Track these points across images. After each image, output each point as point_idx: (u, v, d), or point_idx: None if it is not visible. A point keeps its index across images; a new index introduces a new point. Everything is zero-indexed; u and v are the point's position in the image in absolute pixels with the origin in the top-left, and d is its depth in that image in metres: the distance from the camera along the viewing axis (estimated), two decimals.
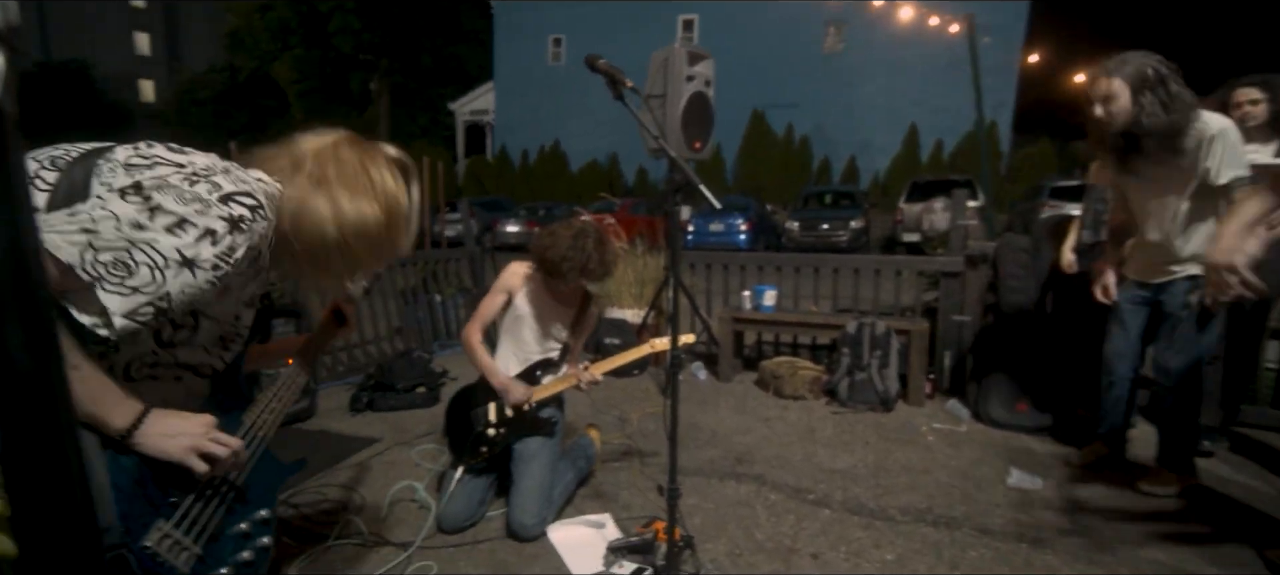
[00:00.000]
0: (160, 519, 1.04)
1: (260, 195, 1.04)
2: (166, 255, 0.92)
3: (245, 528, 1.19)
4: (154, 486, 1.04)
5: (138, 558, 0.99)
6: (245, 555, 1.16)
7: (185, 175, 0.98)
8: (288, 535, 2.15)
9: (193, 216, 0.94)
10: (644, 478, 2.66)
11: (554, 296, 2.47)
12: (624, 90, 1.64)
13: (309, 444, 2.98)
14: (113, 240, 0.88)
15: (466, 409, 2.41)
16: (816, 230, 12.88)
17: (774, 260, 4.52)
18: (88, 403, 0.92)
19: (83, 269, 0.86)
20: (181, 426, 1.04)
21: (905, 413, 3.51)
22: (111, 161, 0.97)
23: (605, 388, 3.98)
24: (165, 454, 1.02)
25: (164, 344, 1.09)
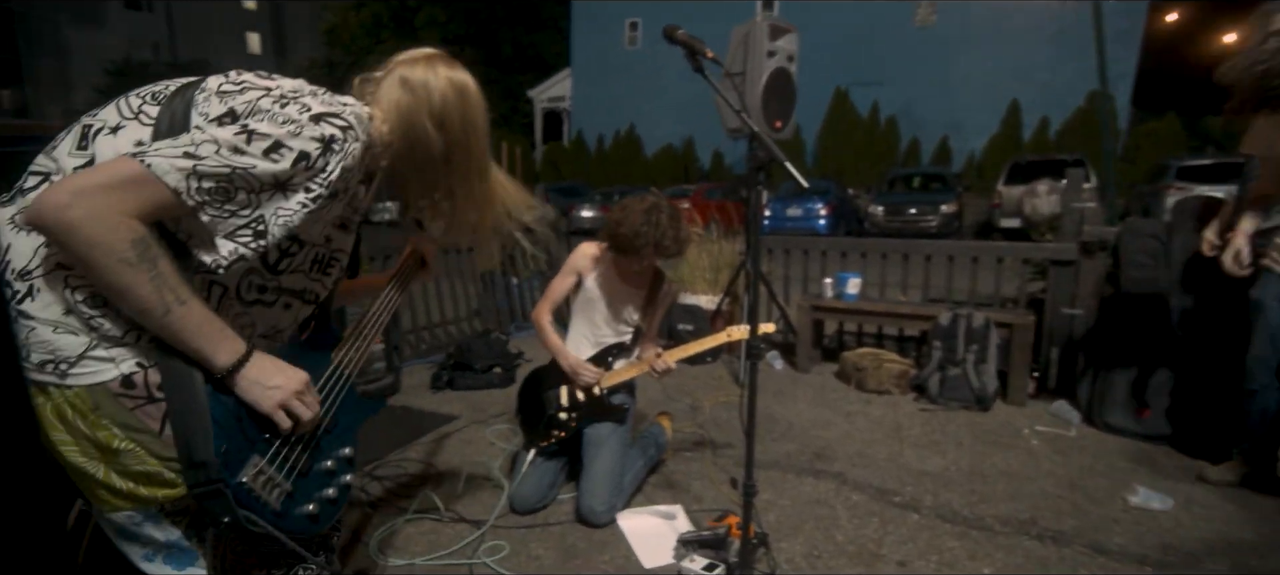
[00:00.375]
0: (256, 455, 1.06)
1: (350, 116, 1.04)
2: (262, 179, 0.94)
3: (330, 465, 1.19)
4: (251, 423, 1.06)
5: (234, 493, 1.00)
6: (329, 492, 1.17)
7: (274, 98, 0.99)
8: (369, 506, 2.23)
9: (287, 139, 0.95)
10: (716, 469, 2.58)
11: (625, 278, 2.40)
12: (704, 62, 1.54)
13: (392, 419, 3.10)
14: (214, 166, 0.90)
15: (539, 391, 2.41)
16: (903, 215, 12.20)
17: (858, 246, 4.28)
18: (193, 338, 0.94)
19: (187, 196, 0.89)
20: (279, 379, 1.05)
21: (1004, 413, 3.23)
22: (205, 91, 1.01)
23: (677, 374, 3.89)
24: (256, 402, 1.03)
25: (271, 267, 1.12)
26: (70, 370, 0.93)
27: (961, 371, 3.34)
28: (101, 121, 0.98)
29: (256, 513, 1.03)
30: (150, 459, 0.98)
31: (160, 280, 0.89)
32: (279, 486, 1.09)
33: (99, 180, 0.86)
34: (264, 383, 1.04)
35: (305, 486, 1.15)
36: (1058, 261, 3.47)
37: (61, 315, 0.92)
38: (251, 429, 1.07)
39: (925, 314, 3.57)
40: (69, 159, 0.95)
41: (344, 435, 1.26)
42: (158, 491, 1.00)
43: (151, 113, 0.99)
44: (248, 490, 1.03)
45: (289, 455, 1.12)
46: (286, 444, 1.12)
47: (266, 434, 1.09)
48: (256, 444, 1.07)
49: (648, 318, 2.43)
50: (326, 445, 1.22)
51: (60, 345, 0.92)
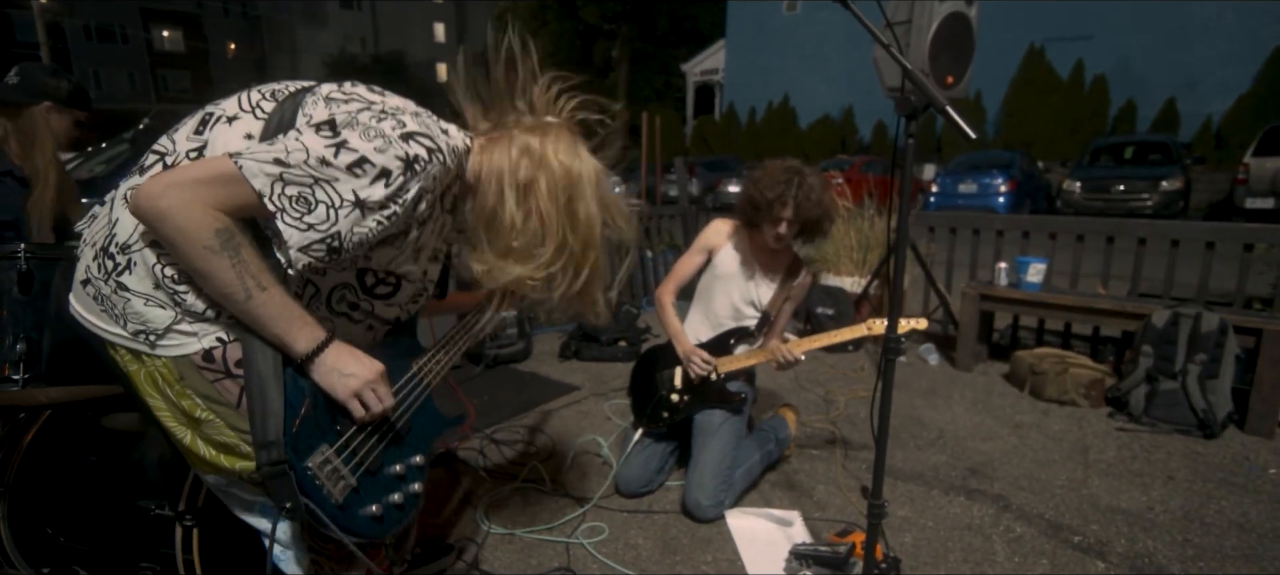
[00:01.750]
0: (325, 443, 1.06)
1: (440, 140, 1.04)
2: (343, 195, 0.94)
3: (400, 469, 1.18)
4: (325, 411, 1.06)
5: (299, 476, 1.01)
6: (395, 497, 1.16)
7: (375, 112, 1.00)
8: (485, 470, 2.27)
9: (372, 155, 0.95)
10: (847, 474, 2.29)
11: (760, 258, 2.21)
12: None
13: (518, 384, 3.18)
14: (300, 175, 0.92)
15: (652, 371, 2.29)
16: (1108, 193, 10.26)
17: (1044, 224, 3.59)
18: (272, 323, 0.96)
19: (270, 199, 0.91)
20: (355, 367, 1.06)
21: (1238, 444, 2.53)
22: (316, 95, 1.03)
23: (811, 362, 3.60)
24: (332, 389, 1.05)
25: (367, 290, 1.14)
26: (159, 341, 0.98)
27: (1179, 386, 2.66)
28: (222, 111, 1.03)
29: (318, 501, 1.02)
30: (228, 431, 1.01)
31: (242, 267, 0.91)
32: (344, 479, 1.08)
33: (194, 175, 0.90)
34: (341, 370, 1.04)
35: (372, 486, 1.13)
36: None
37: (152, 289, 0.97)
38: (324, 417, 1.06)
39: (1133, 311, 2.89)
40: (186, 142, 1.01)
41: (418, 443, 1.24)
42: (236, 463, 1.03)
43: (266, 109, 1.03)
44: (312, 477, 1.02)
45: (358, 449, 1.11)
46: (358, 436, 1.11)
47: (338, 425, 1.08)
48: (327, 433, 1.07)
49: (779, 304, 2.20)
50: (399, 449, 1.20)
51: (150, 317, 0.97)
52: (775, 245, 2.10)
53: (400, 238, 1.07)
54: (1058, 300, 3.13)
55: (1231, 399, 2.61)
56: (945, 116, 1.16)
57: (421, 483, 1.22)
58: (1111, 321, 3.03)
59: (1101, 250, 3.39)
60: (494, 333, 3.46)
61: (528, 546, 1.86)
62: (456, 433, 2.56)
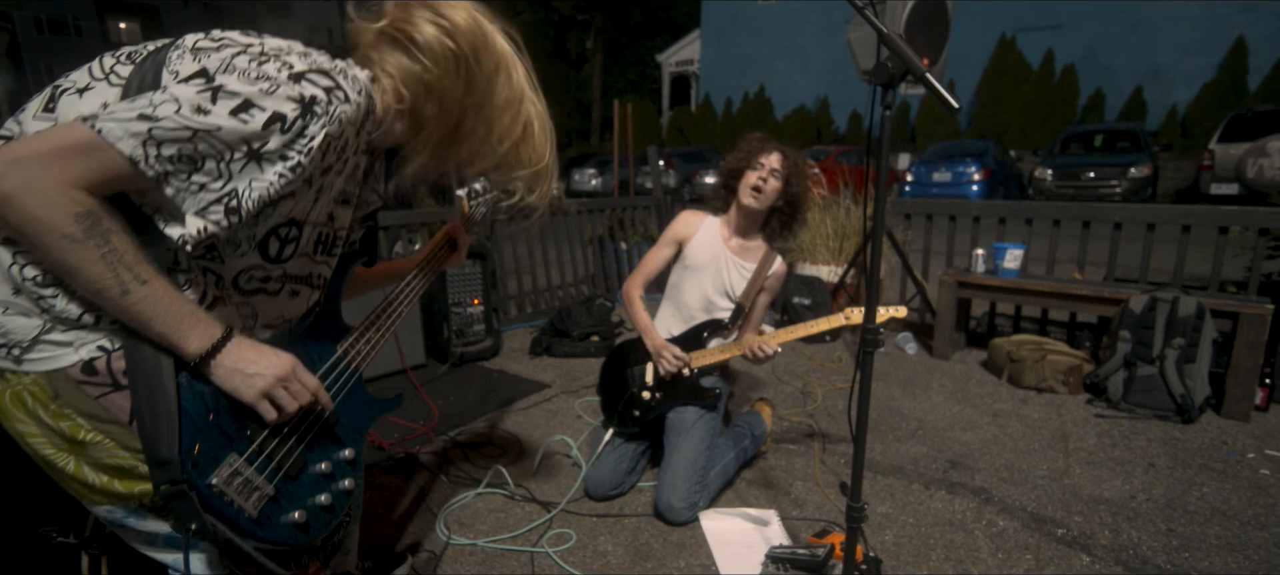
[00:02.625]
0: (233, 453, 0.93)
1: (340, 78, 0.90)
2: (230, 143, 0.81)
3: (326, 467, 1.06)
4: (230, 416, 0.93)
5: (202, 495, 0.88)
6: (322, 499, 1.03)
7: (253, 55, 0.86)
8: (444, 474, 2.15)
9: (258, 98, 0.82)
10: (825, 469, 2.21)
11: (733, 247, 2.14)
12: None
13: (485, 383, 3.05)
14: (174, 130, 0.78)
15: (622, 368, 2.18)
16: (1079, 180, 10.41)
17: (1022, 210, 3.55)
18: (156, 321, 0.83)
19: (145, 165, 0.77)
20: (262, 364, 0.93)
21: (1216, 429, 2.51)
22: (180, 48, 0.88)
23: (788, 354, 3.52)
24: (236, 392, 0.92)
25: (273, 259, 1.00)
26: (25, 355, 0.83)
27: (1157, 371, 2.63)
28: (71, 82, 0.87)
29: (229, 518, 0.90)
30: (122, 452, 0.87)
31: (113, 257, 0.77)
32: (258, 489, 0.95)
33: (40, 147, 0.75)
34: (244, 370, 0.91)
35: (294, 491, 1.01)
36: None
37: (10, 295, 0.82)
38: (230, 423, 0.93)
39: (1110, 296, 2.86)
40: (34, 122, 0.85)
41: (348, 435, 1.12)
42: (134, 486, 0.89)
43: (123, 73, 0.87)
44: (218, 493, 0.90)
45: (274, 454, 0.98)
46: (273, 440, 0.98)
47: (248, 430, 0.95)
48: (235, 440, 0.94)
49: (751, 295, 2.11)
50: (324, 445, 1.07)
51: (11, 327, 0.82)
52: (753, 202, 2.04)
53: (304, 189, 0.94)
54: (1035, 286, 3.09)
55: (1209, 383, 2.59)
56: (925, 83, 1.07)
57: (354, 479, 1.10)
58: (1088, 307, 2.99)
59: (1077, 236, 3.36)
60: (460, 330, 3.32)
61: (489, 557, 1.74)
62: (417, 436, 2.43)
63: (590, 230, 4.99)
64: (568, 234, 4.72)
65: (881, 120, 1.15)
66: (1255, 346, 2.50)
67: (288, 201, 0.93)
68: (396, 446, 2.33)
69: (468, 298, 3.37)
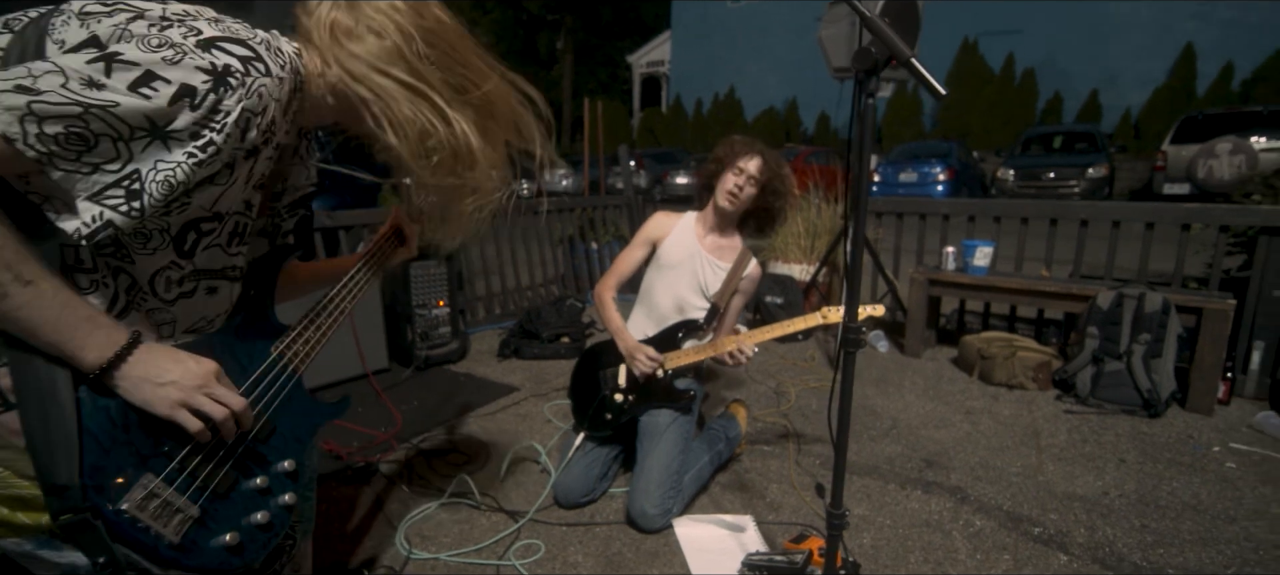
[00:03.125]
0: (148, 473, 0.82)
1: (260, 47, 0.80)
2: (131, 123, 0.70)
3: (262, 482, 0.95)
4: (141, 432, 0.82)
5: (110, 523, 0.77)
6: (259, 517, 0.93)
7: (152, 20, 0.76)
8: (406, 484, 2.04)
9: (161, 68, 0.71)
10: (801, 471, 2.16)
11: (707, 247, 2.09)
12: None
13: (451, 387, 2.94)
14: (60, 104, 0.66)
15: (594, 370, 2.10)
16: (1040, 180, 10.69)
17: (990, 208, 3.58)
18: (46, 328, 0.72)
19: (25, 144, 0.66)
20: (177, 371, 0.82)
21: (1182, 422, 2.54)
22: (65, 14, 0.77)
23: (761, 354, 3.48)
24: (147, 404, 0.81)
25: (187, 253, 0.89)
26: None
27: (1124, 366, 2.66)
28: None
29: (143, 547, 0.79)
30: (21, 481, 0.77)
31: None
32: (181, 512, 0.84)
33: None
34: (155, 380, 0.80)
35: (225, 510, 0.90)
36: (1273, 230, 2.66)
37: None
38: (142, 440, 0.83)
39: (1078, 293, 2.88)
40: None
41: (287, 444, 1.01)
42: (41, 517, 0.78)
43: (1, 43, 0.76)
44: (130, 520, 0.79)
45: (199, 471, 0.88)
46: (196, 456, 0.87)
47: (166, 447, 0.85)
48: (150, 459, 0.83)
49: (726, 296, 2.06)
50: (260, 457, 0.97)
51: None
52: (728, 205, 2.01)
53: (224, 174, 0.82)
54: (1005, 284, 3.10)
55: (1175, 378, 2.62)
56: (911, 69, 1.02)
57: (295, 493, 1.00)
58: (1056, 304, 3.02)
59: (1043, 235, 3.39)
60: (424, 332, 3.19)
61: (453, 571, 1.64)
62: (378, 444, 2.31)
63: (560, 230, 4.89)
64: (537, 234, 4.61)
65: (865, 108, 1.09)
66: (1218, 341, 2.54)
67: (207, 189, 0.82)
68: (355, 455, 2.21)
69: (433, 299, 3.24)
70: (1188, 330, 2.67)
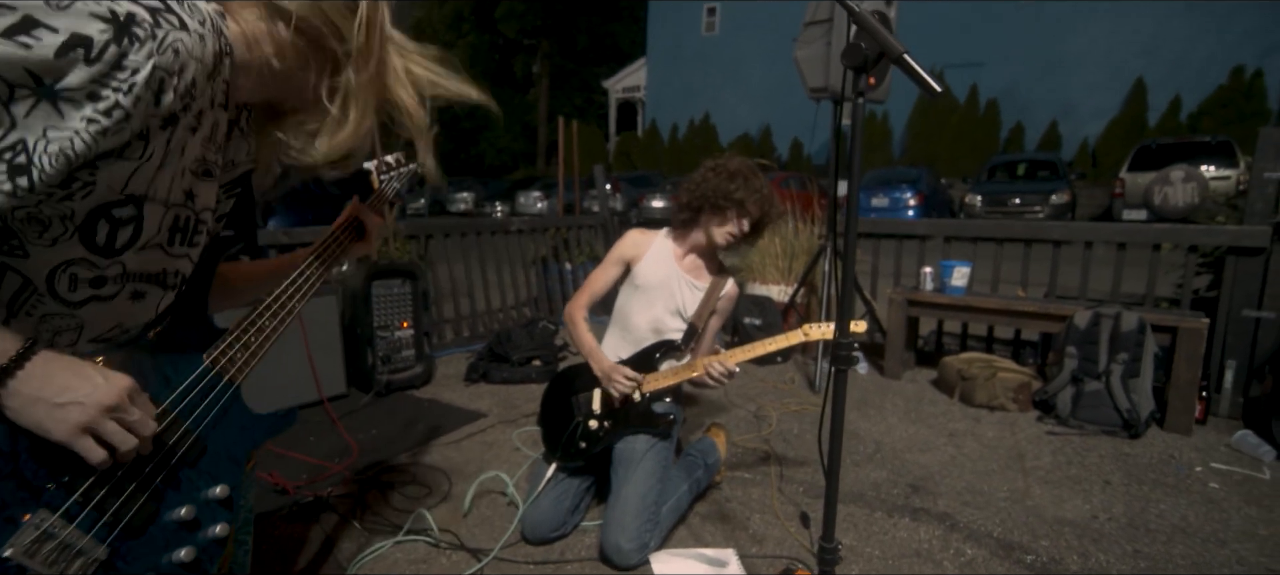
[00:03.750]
0: (42, 509, 0.69)
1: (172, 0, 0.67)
2: (8, 77, 0.58)
3: (187, 513, 0.81)
4: (32, 461, 0.69)
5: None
6: (182, 554, 0.79)
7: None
8: (358, 520, 1.87)
9: (45, 14, 0.58)
10: (783, 498, 2.06)
11: (684, 267, 2.00)
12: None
13: (414, 413, 2.78)
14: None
15: (567, 394, 1.98)
16: (1005, 205, 10.96)
17: (965, 229, 3.58)
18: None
19: None
20: (78, 388, 0.69)
21: (1162, 442, 2.51)
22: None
23: (740, 377, 3.39)
24: (42, 429, 0.68)
25: (104, 249, 0.75)
26: None
27: (1103, 386, 2.63)
28: None
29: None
30: None
31: None
32: (83, 555, 0.71)
33: None
34: (52, 399, 0.67)
35: (140, 549, 0.77)
36: (1240, 249, 2.68)
37: None
38: (34, 470, 0.69)
39: (1055, 312, 2.86)
40: None
41: (220, 466, 0.88)
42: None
43: None
44: (16, 569, 0.65)
45: (108, 504, 0.74)
46: (102, 487, 0.74)
47: (66, 475, 0.71)
48: (46, 494, 0.70)
49: (704, 315, 1.97)
50: (186, 483, 0.83)
51: None
52: (723, 243, 1.96)
53: (136, 148, 0.70)
54: (983, 304, 3.08)
55: (1152, 397, 2.60)
56: (903, 66, 0.95)
57: (228, 523, 0.86)
58: (1033, 324, 3.00)
59: (1018, 258, 3.39)
60: (386, 355, 3.03)
61: None
62: (330, 475, 2.14)
63: (533, 251, 4.78)
64: (509, 255, 4.49)
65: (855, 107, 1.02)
66: (1193, 360, 2.53)
67: (116, 165, 0.69)
68: (303, 489, 2.04)
69: (396, 320, 3.09)
70: (1163, 349, 2.66)
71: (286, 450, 2.33)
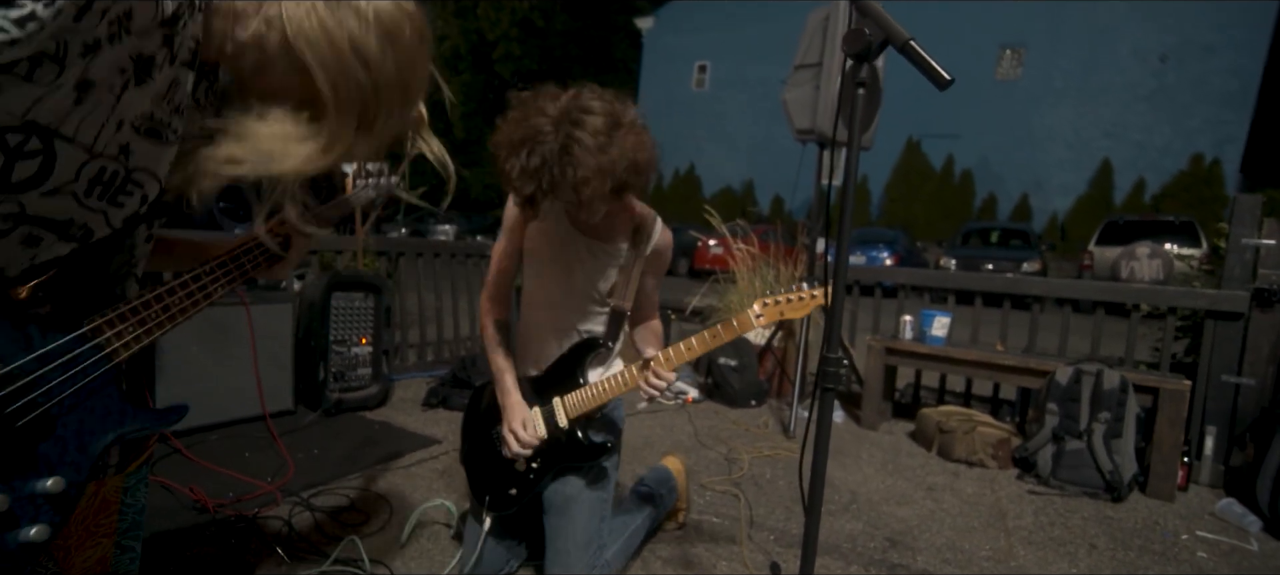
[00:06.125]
0: None
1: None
2: None
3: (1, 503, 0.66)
4: None
5: None
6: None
7: None
8: (281, 546, 1.67)
9: None
10: (754, 547, 1.91)
11: (582, 228, 1.51)
12: None
13: (362, 434, 2.58)
14: None
15: (487, 426, 1.60)
16: (979, 270, 11.16)
17: (946, 280, 3.55)
18: None
19: None
20: None
21: (1145, 508, 2.42)
22: None
23: (711, 417, 3.26)
24: None
25: None
26: None
27: (1085, 445, 2.55)
28: None
29: None
30: None
31: None
32: None
33: None
34: None
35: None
36: (1218, 314, 2.66)
37: None
38: None
39: (1036, 367, 2.80)
40: None
41: (63, 453, 0.72)
42: None
43: None
44: None
45: None
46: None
47: None
48: None
49: (629, 289, 1.52)
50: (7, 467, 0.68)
51: None
52: (590, 222, 1.45)
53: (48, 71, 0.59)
54: (963, 355, 3.01)
55: (1135, 460, 2.52)
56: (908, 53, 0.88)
57: (51, 525, 0.69)
58: (1013, 378, 2.93)
59: (996, 319, 3.35)
60: (339, 372, 2.84)
61: None
62: (259, 495, 1.94)
63: None
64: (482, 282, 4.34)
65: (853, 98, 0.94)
66: (1176, 422, 2.47)
67: (19, 88, 0.58)
68: (225, 508, 1.83)
69: (354, 336, 2.91)
70: (1145, 410, 2.60)
71: (216, 465, 2.12)
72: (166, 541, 1.66)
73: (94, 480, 0.84)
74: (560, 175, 1.19)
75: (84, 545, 0.85)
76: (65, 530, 0.83)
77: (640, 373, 1.42)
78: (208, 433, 2.41)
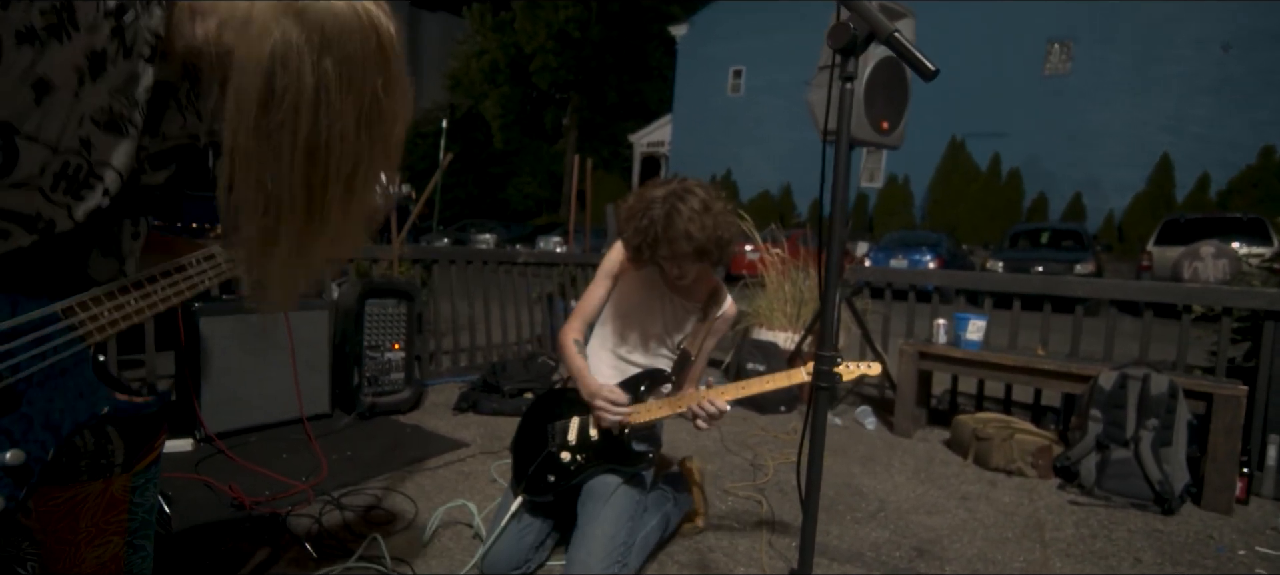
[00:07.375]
0: None
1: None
2: None
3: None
4: None
5: None
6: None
7: None
8: (310, 543, 1.73)
9: None
10: (774, 554, 1.88)
11: (671, 286, 1.85)
12: None
13: (394, 437, 2.65)
14: None
15: (542, 421, 1.85)
16: (1027, 274, 10.72)
17: (983, 281, 3.43)
18: None
19: None
20: None
21: (1198, 521, 2.28)
22: None
23: (739, 423, 3.23)
24: None
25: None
26: None
27: (1132, 454, 2.43)
28: None
29: None
30: None
31: None
32: None
33: None
34: None
35: None
36: (1277, 314, 2.50)
37: None
38: None
39: (1078, 372, 2.68)
40: None
41: (28, 429, 0.74)
42: None
43: None
44: None
45: None
46: None
47: None
48: None
49: (697, 342, 1.83)
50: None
51: None
52: (679, 282, 1.77)
53: None
54: (999, 359, 2.90)
55: (1187, 470, 2.39)
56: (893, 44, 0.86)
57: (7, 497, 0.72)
58: (1054, 383, 2.81)
59: (1037, 324, 3.22)
60: (373, 376, 2.93)
61: None
62: (292, 494, 2.02)
63: (540, 287, 4.71)
64: (515, 289, 4.42)
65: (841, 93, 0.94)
66: (1232, 431, 2.33)
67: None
68: (261, 506, 1.91)
69: (387, 341, 3.00)
70: (1197, 417, 2.46)
71: (255, 465, 2.22)
72: (203, 534, 1.74)
73: (100, 478, 0.89)
74: (663, 234, 1.57)
75: (94, 541, 0.90)
76: (72, 526, 0.88)
77: (696, 399, 1.65)
78: (248, 435, 2.52)
